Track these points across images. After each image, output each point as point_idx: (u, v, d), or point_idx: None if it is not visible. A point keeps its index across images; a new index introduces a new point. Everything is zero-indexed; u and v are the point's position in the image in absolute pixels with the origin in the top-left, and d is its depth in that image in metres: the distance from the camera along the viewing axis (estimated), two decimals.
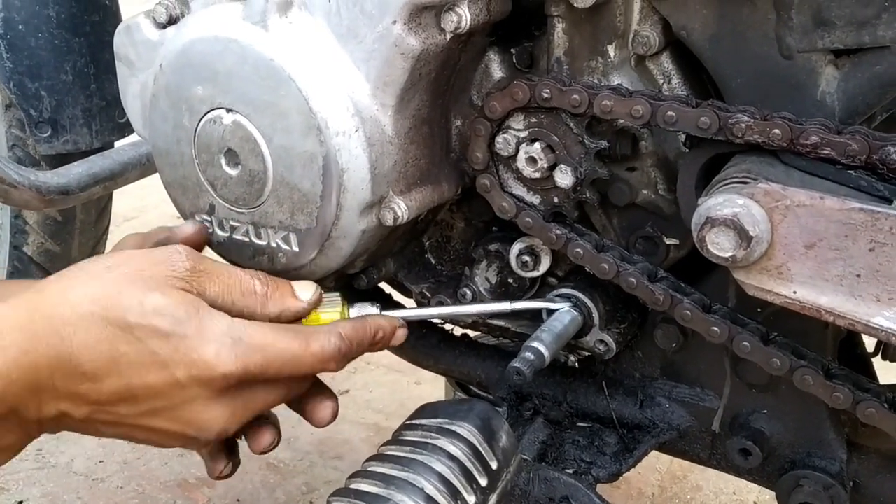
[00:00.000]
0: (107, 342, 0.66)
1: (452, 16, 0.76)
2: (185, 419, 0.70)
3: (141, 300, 0.67)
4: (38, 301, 0.67)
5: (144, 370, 0.67)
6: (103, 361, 0.66)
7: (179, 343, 0.67)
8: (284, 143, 0.80)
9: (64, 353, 0.66)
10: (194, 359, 0.67)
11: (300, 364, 0.71)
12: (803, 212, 0.64)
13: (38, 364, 0.65)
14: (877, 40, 0.71)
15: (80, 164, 1.16)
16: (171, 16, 0.87)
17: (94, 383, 0.67)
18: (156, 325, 0.67)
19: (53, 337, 0.65)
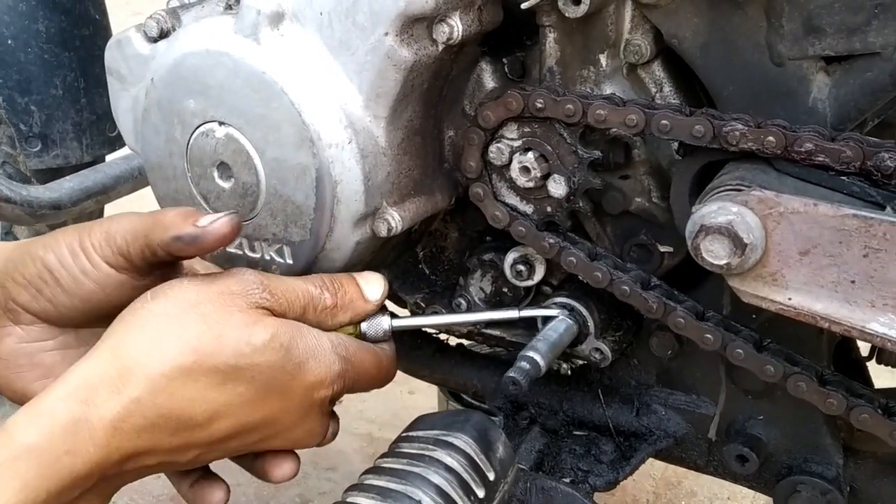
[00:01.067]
0: (218, 389, 0.64)
1: (444, 27, 0.76)
2: (298, 437, 0.71)
3: (246, 340, 0.65)
4: (127, 357, 0.63)
5: (261, 404, 0.67)
6: (217, 406, 0.65)
7: (295, 370, 0.67)
8: (277, 156, 0.79)
9: (168, 411, 0.63)
10: (312, 381, 0.68)
11: (375, 382, 0.75)
12: (797, 219, 0.64)
13: (136, 430, 0.62)
14: (867, 47, 0.71)
15: (71, 179, 1.15)
16: (162, 30, 0.87)
17: (206, 429, 0.65)
18: (269, 360, 0.66)
19: (152, 397, 0.62)
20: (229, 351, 0.64)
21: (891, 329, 0.63)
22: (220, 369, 0.64)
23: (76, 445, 0.59)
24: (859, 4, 0.71)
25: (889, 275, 0.62)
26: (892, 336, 0.63)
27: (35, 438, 0.58)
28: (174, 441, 0.64)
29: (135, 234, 0.70)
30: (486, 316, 0.83)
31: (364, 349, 0.75)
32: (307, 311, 0.72)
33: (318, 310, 0.73)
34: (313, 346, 0.70)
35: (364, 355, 0.75)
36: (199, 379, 0.63)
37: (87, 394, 0.61)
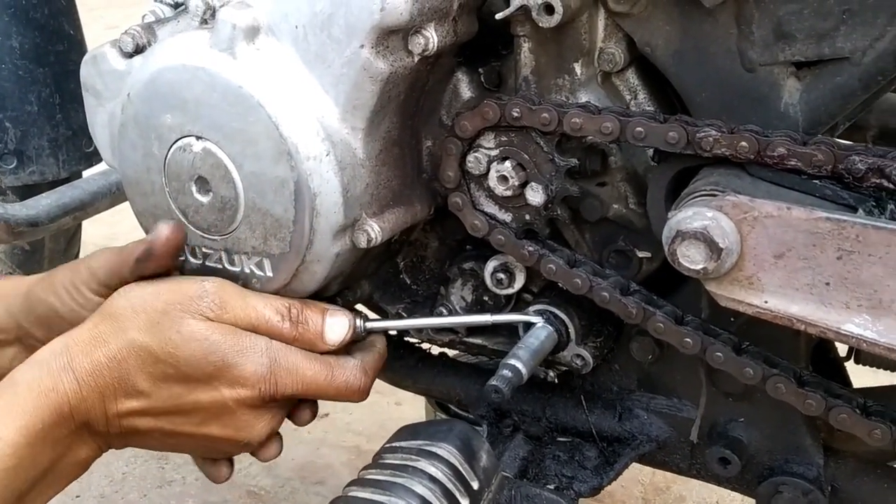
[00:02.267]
0: (154, 367, 0.77)
1: (419, 38, 0.76)
2: (236, 426, 0.79)
3: (178, 329, 0.77)
4: (98, 332, 0.78)
5: (189, 389, 0.77)
6: (153, 381, 0.77)
7: (219, 364, 0.76)
8: (255, 170, 0.79)
9: (122, 375, 0.77)
10: (235, 376, 0.76)
11: (325, 393, 0.80)
12: (771, 222, 0.65)
13: (103, 383, 0.76)
14: (836, 52, 0.73)
15: (48, 195, 1.15)
16: (137, 45, 0.86)
17: (150, 398, 0.77)
18: (191, 352, 0.76)
19: (114, 363, 0.77)
20: (160, 339, 0.77)
21: (865, 330, 0.63)
22: (155, 353, 0.77)
23: (59, 385, 0.74)
24: (828, 10, 0.72)
25: (862, 276, 0.63)
26: (866, 337, 0.64)
27: (30, 378, 0.75)
28: (133, 405, 0.78)
29: (110, 270, 0.83)
30: (457, 319, 0.84)
31: (307, 359, 0.79)
32: (257, 330, 0.79)
33: (271, 333, 0.79)
34: (242, 347, 0.77)
35: (305, 363, 0.79)
36: (144, 358, 0.77)
37: (71, 350, 0.77)
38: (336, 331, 0.82)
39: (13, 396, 0.74)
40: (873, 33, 0.71)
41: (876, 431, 0.74)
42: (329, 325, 0.82)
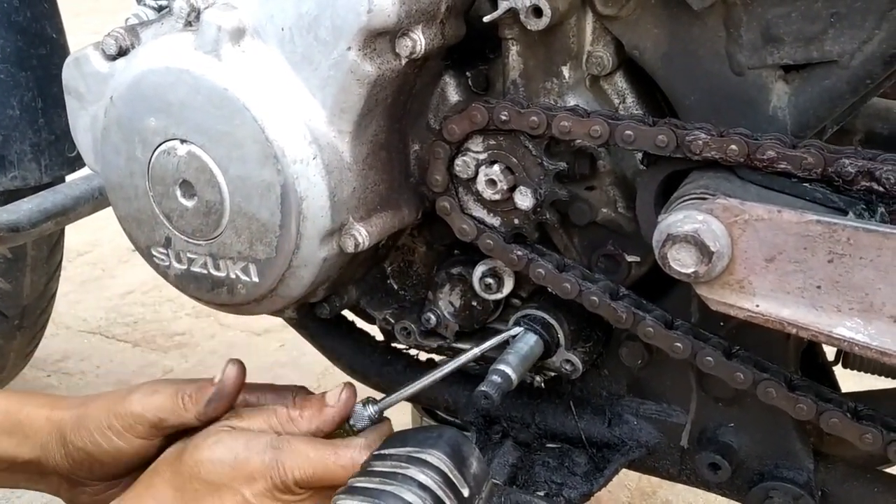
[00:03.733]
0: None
1: (407, 41, 0.76)
2: None
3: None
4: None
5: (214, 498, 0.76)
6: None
7: (234, 469, 0.75)
8: (241, 173, 0.78)
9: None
10: (250, 472, 0.75)
11: (334, 473, 0.75)
12: (762, 226, 0.64)
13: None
14: (824, 55, 0.72)
15: (30, 200, 1.13)
16: (120, 47, 0.85)
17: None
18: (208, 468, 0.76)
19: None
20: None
21: (857, 333, 0.63)
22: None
23: None
24: (816, 13, 0.72)
25: (854, 279, 0.62)
26: (858, 340, 0.63)
27: None
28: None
29: (164, 413, 0.80)
30: (450, 367, 0.82)
31: (311, 443, 0.77)
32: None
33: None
34: (251, 446, 0.76)
35: (309, 447, 0.77)
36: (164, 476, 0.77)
37: None
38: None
39: None
40: (861, 36, 0.71)
41: (867, 435, 0.73)
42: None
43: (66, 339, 2.26)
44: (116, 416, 0.81)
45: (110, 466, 0.82)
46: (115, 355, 2.20)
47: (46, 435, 0.83)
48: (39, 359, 1.99)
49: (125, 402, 0.81)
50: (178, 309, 2.37)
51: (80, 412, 0.82)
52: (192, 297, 0.88)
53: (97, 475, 0.83)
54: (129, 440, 0.80)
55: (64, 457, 0.82)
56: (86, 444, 0.81)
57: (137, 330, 2.31)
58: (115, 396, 0.82)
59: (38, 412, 0.85)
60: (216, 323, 2.29)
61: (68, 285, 2.37)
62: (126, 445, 0.80)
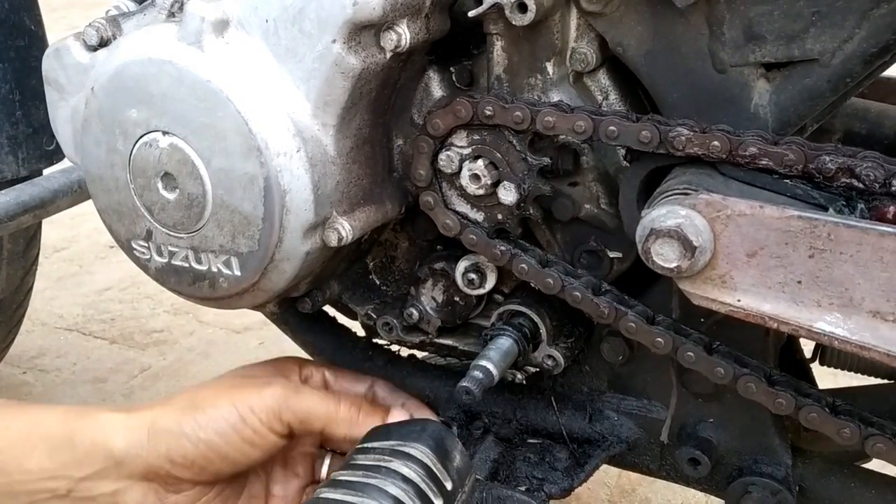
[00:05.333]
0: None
1: (392, 34, 0.75)
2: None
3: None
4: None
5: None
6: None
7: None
8: (224, 166, 0.78)
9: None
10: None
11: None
12: (744, 221, 0.65)
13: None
14: (805, 53, 0.73)
15: (7, 193, 1.12)
16: (101, 38, 0.85)
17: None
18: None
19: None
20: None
21: (836, 328, 0.64)
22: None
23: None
24: (797, 12, 0.73)
25: (834, 274, 0.63)
26: (837, 334, 0.64)
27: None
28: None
29: (314, 418, 0.80)
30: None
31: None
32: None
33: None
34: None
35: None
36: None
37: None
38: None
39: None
40: (842, 35, 0.72)
41: (845, 430, 0.74)
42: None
43: (42, 336, 2.24)
44: (246, 406, 0.78)
45: (231, 467, 0.78)
46: (91, 352, 2.18)
47: (136, 425, 0.77)
48: (14, 355, 1.96)
49: (255, 393, 0.79)
50: (156, 306, 2.35)
51: (199, 410, 0.78)
52: (173, 290, 0.88)
53: (211, 475, 0.78)
54: (263, 434, 0.78)
55: (180, 457, 0.76)
56: (211, 438, 0.76)
57: (115, 327, 2.29)
58: (243, 393, 0.79)
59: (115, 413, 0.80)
60: (195, 320, 2.27)
61: (44, 281, 2.34)
62: (258, 440, 0.78)
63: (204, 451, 0.76)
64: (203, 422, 0.76)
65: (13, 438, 0.76)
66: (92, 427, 0.77)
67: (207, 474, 0.78)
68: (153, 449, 0.76)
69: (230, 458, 0.77)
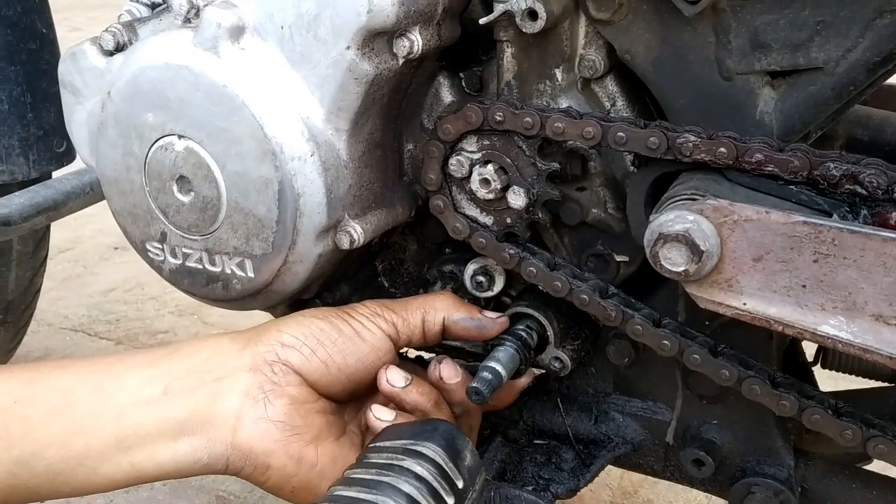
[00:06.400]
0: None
1: (405, 41, 0.77)
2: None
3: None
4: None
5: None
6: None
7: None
8: (238, 169, 0.79)
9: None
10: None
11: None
12: (750, 226, 0.66)
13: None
14: (810, 62, 0.75)
15: (21, 195, 1.13)
16: (118, 43, 0.86)
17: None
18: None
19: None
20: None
21: (840, 331, 0.65)
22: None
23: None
24: (802, 21, 0.74)
25: (838, 279, 0.65)
26: (841, 337, 0.65)
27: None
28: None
29: (411, 310, 0.83)
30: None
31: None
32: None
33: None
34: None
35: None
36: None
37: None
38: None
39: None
40: (846, 44, 0.73)
41: (847, 432, 0.76)
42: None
43: (47, 337, 2.25)
44: (350, 307, 0.82)
45: (340, 356, 0.78)
46: (97, 353, 2.19)
47: (266, 325, 0.80)
48: (20, 356, 1.97)
49: (357, 304, 0.83)
50: (160, 307, 2.36)
51: (302, 313, 0.81)
52: (187, 292, 0.89)
53: (321, 361, 0.77)
54: (371, 326, 0.80)
55: (291, 336, 0.77)
56: (323, 321, 0.79)
57: (120, 327, 2.30)
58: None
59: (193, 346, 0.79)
60: (199, 321, 2.28)
61: (50, 282, 2.35)
62: (367, 330, 0.80)
63: (316, 330, 0.78)
64: (316, 313, 0.80)
65: (110, 361, 0.77)
66: (204, 336, 0.80)
67: (317, 365, 0.76)
68: (263, 335, 0.77)
69: (341, 343, 0.78)
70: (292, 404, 0.75)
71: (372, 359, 0.80)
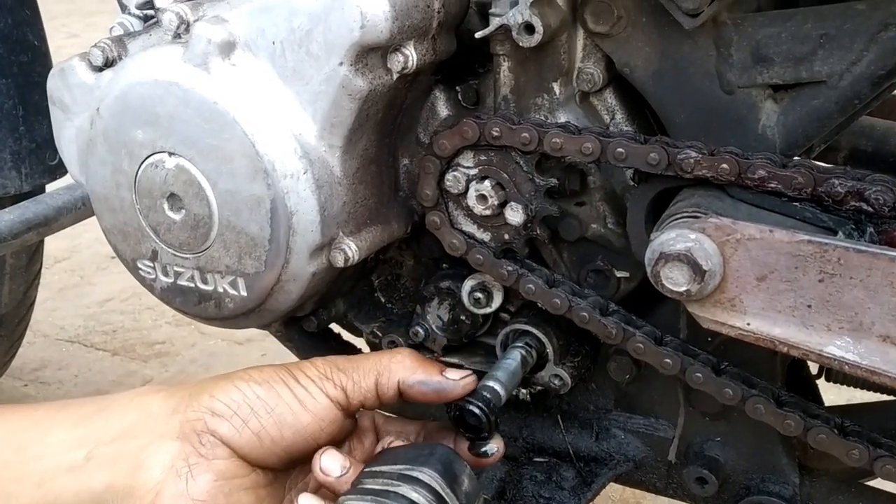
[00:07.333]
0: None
1: (399, 56, 0.75)
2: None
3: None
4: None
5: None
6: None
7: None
8: (230, 187, 0.78)
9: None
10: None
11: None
12: (754, 245, 0.65)
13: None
14: (813, 75, 0.73)
15: (11, 211, 1.11)
16: (107, 58, 0.85)
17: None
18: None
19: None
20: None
21: (847, 352, 0.64)
22: None
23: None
24: (805, 34, 0.73)
25: (844, 299, 0.63)
26: (848, 359, 0.64)
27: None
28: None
29: (363, 372, 0.74)
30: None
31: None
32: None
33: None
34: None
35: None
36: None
37: None
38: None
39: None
40: (850, 58, 0.72)
41: (854, 452, 0.74)
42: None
43: (43, 348, 2.24)
44: (296, 367, 0.73)
45: (276, 428, 0.71)
46: (93, 364, 2.17)
47: (200, 386, 0.73)
48: (16, 368, 1.96)
49: (308, 361, 0.75)
50: (158, 317, 2.35)
51: (250, 370, 0.74)
52: (179, 310, 0.88)
53: (253, 433, 0.70)
54: (315, 392, 0.72)
55: (223, 404, 0.70)
56: (260, 387, 0.71)
57: (117, 338, 2.28)
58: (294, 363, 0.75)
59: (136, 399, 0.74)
60: (197, 332, 2.27)
61: (46, 292, 2.34)
62: (310, 399, 0.71)
63: (250, 399, 0.71)
64: (255, 374, 0.72)
65: (38, 416, 0.72)
66: (133, 392, 0.74)
67: (249, 438, 0.70)
68: (193, 400, 0.71)
69: (278, 414, 0.70)
70: (217, 480, 0.69)
71: (313, 430, 0.72)
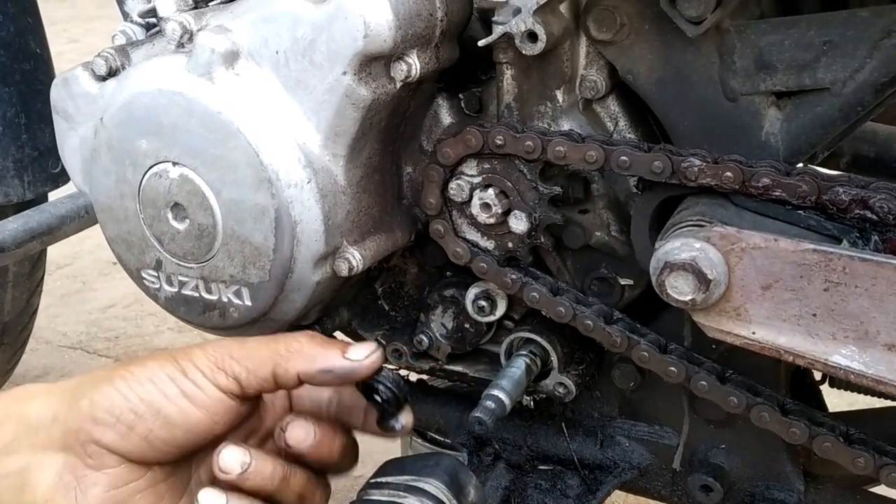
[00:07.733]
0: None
1: (402, 65, 0.75)
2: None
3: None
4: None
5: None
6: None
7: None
8: (234, 197, 0.78)
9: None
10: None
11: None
12: (759, 254, 0.65)
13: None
14: (817, 83, 0.73)
15: (14, 220, 1.11)
16: (110, 67, 0.84)
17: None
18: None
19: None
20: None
21: (852, 361, 0.64)
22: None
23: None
24: (808, 42, 0.73)
25: (849, 307, 0.63)
26: (854, 368, 0.64)
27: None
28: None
29: (259, 361, 0.67)
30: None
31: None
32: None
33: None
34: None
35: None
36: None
37: None
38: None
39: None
40: (853, 65, 0.72)
41: (859, 460, 0.74)
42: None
43: (45, 355, 2.23)
44: (186, 359, 0.66)
45: (165, 430, 0.65)
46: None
47: (76, 392, 0.66)
48: (18, 375, 1.95)
49: (198, 347, 0.67)
50: (160, 323, 2.35)
51: (133, 365, 0.67)
52: (183, 319, 0.88)
53: (141, 438, 0.65)
54: (205, 386, 0.65)
55: (104, 412, 0.64)
56: (144, 387, 0.64)
57: (119, 345, 2.28)
58: (183, 348, 0.68)
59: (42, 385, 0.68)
60: (199, 337, 2.26)
61: (48, 299, 2.33)
62: (199, 394, 0.65)
63: (133, 404, 0.64)
64: (137, 372, 0.65)
65: None
66: (8, 396, 0.67)
67: (137, 443, 0.65)
68: (73, 406, 0.64)
69: (166, 415, 0.64)
70: (109, 490, 0.64)
71: (206, 426, 0.66)
